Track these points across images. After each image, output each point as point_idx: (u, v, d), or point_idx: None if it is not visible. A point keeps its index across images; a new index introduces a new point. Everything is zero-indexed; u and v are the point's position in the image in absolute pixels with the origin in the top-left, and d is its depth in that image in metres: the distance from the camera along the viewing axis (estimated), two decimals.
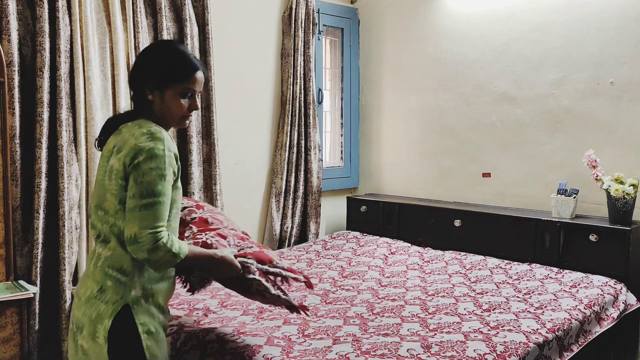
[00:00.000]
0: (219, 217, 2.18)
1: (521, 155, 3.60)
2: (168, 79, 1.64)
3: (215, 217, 2.14)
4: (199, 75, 1.68)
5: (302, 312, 1.97)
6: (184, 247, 1.57)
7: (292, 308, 1.96)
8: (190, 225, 2.05)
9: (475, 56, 3.79)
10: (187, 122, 1.74)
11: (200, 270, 1.83)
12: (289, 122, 3.90)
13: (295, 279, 1.94)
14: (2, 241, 2.53)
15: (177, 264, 1.58)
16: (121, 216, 1.56)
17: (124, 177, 1.55)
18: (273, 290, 1.87)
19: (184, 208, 2.16)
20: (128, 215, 1.51)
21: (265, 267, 1.88)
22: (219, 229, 2.03)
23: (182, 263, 1.59)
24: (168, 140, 1.57)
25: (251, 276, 1.82)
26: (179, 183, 1.65)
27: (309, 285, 1.99)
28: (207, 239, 1.88)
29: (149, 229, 1.49)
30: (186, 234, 1.98)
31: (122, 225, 1.55)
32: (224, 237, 1.95)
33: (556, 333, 2.27)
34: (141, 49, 3.08)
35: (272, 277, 1.90)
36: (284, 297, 1.91)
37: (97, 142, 1.74)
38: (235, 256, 1.82)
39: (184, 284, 1.91)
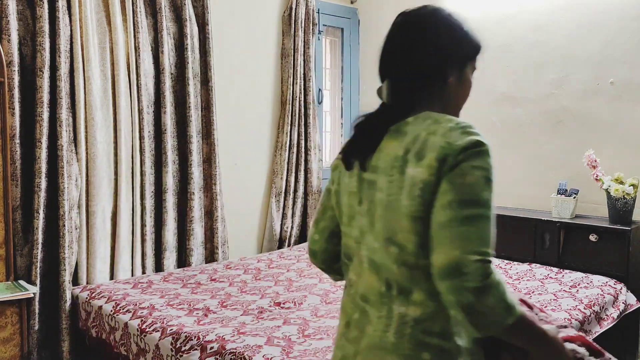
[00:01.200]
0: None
1: (521, 155, 3.60)
2: (471, 53, 1.22)
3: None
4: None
5: None
6: (516, 302, 0.96)
7: None
8: None
9: None
10: None
11: (514, 354, 1.07)
12: (289, 122, 3.90)
13: None
14: (2, 241, 2.53)
15: (503, 329, 0.94)
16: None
17: (433, 191, 1.02)
18: None
19: None
20: (438, 233, 0.98)
21: None
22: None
23: (510, 331, 0.95)
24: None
25: None
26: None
27: None
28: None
29: (477, 255, 0.95)
30: None
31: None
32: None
33: None
34: (141, 49, 3.07)
35: None
36: None
37: (353, 162, 1.16)
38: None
39: None
